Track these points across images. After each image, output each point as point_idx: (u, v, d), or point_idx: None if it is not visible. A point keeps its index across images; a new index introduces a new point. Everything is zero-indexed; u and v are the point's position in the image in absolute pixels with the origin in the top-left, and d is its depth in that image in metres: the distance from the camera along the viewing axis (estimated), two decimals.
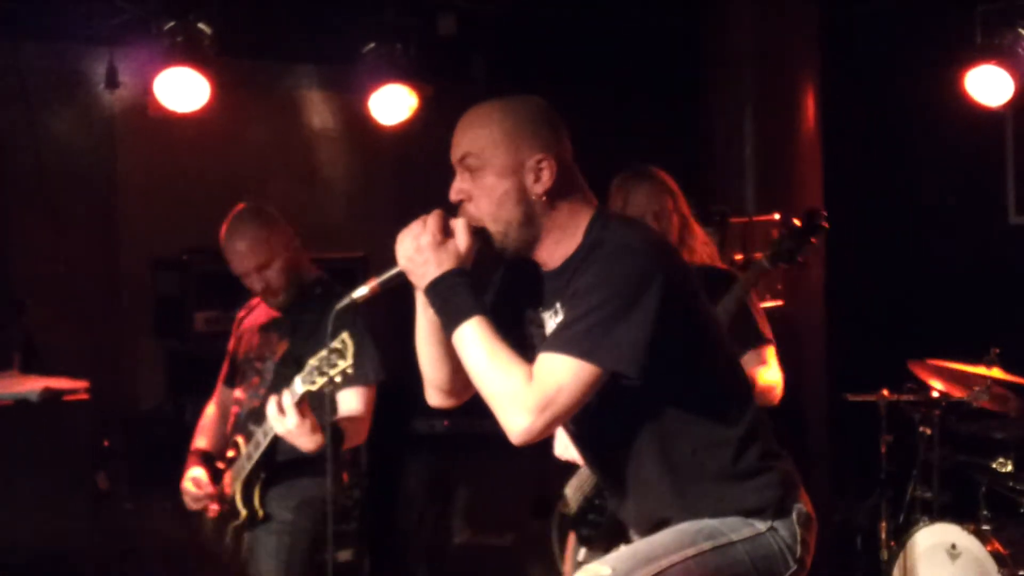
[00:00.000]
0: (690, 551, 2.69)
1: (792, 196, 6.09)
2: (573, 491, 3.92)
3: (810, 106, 6.33)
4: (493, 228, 2.71)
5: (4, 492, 4.43)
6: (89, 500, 4.77)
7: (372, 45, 5.75)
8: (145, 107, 5.51)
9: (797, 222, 3.90)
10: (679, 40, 6.55)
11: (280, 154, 6.54)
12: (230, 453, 4.13)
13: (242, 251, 4.07)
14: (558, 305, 2.72)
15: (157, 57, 5.25)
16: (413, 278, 2.71)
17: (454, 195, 2.74)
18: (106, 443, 5.08)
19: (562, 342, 2.58)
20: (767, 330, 4.08)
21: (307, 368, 3.55)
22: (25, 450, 4.53)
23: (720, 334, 2.88)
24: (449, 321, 2.67)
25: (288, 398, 3.64)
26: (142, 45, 5.34)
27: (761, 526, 2.74)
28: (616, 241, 2.65)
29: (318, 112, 6.78)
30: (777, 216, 5.55)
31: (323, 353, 3.49)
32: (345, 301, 2.81)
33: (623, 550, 2.80)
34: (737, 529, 2.73)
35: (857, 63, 6.58)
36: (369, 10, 5.80)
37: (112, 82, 5.73)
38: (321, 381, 3.49)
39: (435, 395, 2.94)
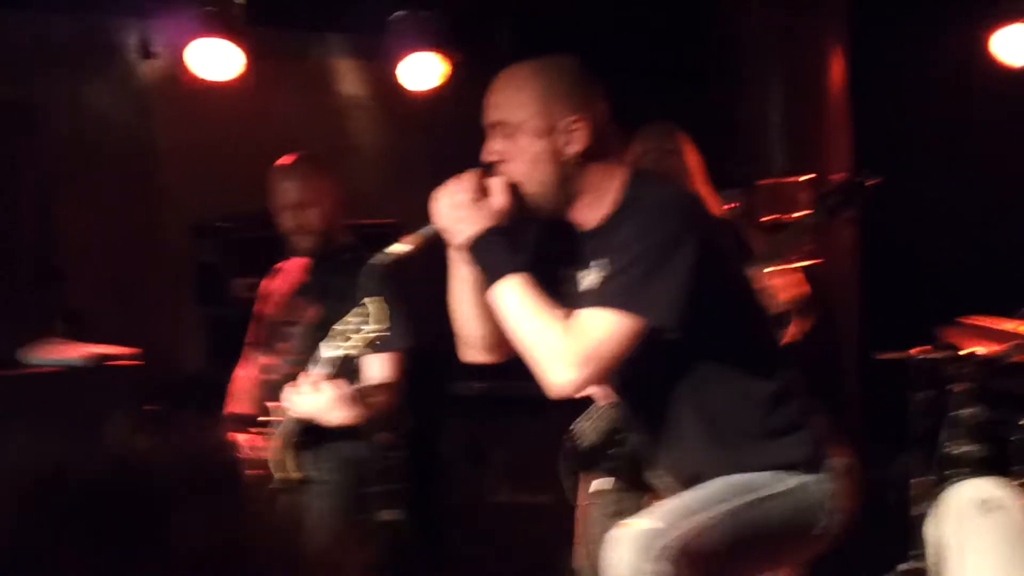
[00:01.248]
0: (724, 506, 2.75)
1: (821, 158, 6.09)
2: (588, 424, 3.94)
3: (838, 68, 6.31)
4: (528, 188, 2.75)
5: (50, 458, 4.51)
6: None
7: (401, 12, 5.79)
8: (179, 77, 5.57)
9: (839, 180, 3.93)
10: (708, 6, 6.53)
11: (312, 122, 6.57)
12: (264, 418, 4.16)
13: (287, 185, 4.16)
14: (594, 264, 2.76)
15: (189, 27, 5.31)
16: (450, 235, 2.75)
17: (488, 156, 2.78)
18: (151, 408, 5.14)
19: (602, 296, 2.63)
20: None
21: (333, 333, 3.59)
22: (72, 415, 4.61)
23: (753, 292, 2.92)
24: (487, 278, 2.71)
25: (312, 378, 3.67)
26: (175, 15, 5.39)
27: (794, 481, 2.79)
28: (652, 198, 2.70)
29: (349, 80, 6.81)
30: (804, 178, 5.56)
31: (349, 318, 3.54)
32: (379, 257, 2.85)
33: (666, 504, 2.84)
34: (771, 484, 2.78)
35: (884, 24, 6.54)
36: None
37: (146, 52, 5.78)
38: (346, 346, 3.55)
39: (471, 352, 2.99)
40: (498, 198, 2.71)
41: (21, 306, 5.12)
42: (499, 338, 2.86)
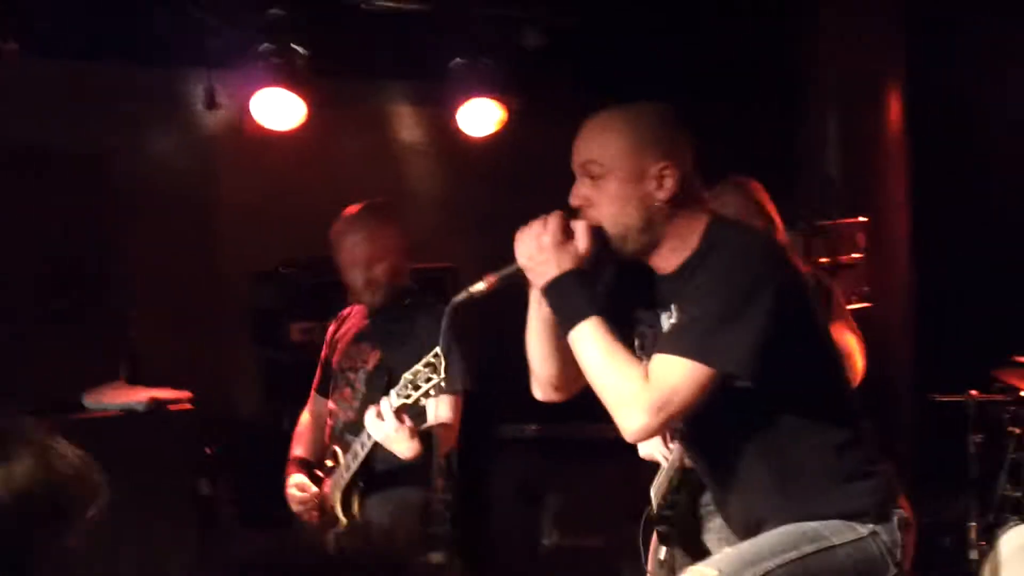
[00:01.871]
0: (793, 554, 2.72)
1: (878, 200, 6.09)
2: (655, 490, 3.97)
3: (895, 109, 6.31)
4: (612, 232, 2.75)
5: (112, 501, 4.58)
6: (193, 507, 4.90)
7: (459, 60, 5.88)
8: (242, 127, 5.67)
9: None
10: (766, 49, 6.56)
11: (371, 168, 6.65)
12: (328, 463, 4.20)
13: (355, 241, 4.13)
14: (673, 307, 2.76)
15: (254, 78, 5.41)
16: (532, 276, 2.76)
17: (575, 200, 2.78)
18: (208, 450, 5.21)
19: (677, 343, 2.63)
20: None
21: (402, 382, 3.64)
22: (132, 459, 4.69)
23: (829, 341, 2.91)
24: (566, 320, 2.72)
25: (387, 404, 3.73)
26: (239, 66, 5.50)
27: (863, 530, 2.76)
28: (732, 246, 2.70)
29: (407, 126, 6.89)
30: (863, 219, 5.57)
31: (418, 367, 3.59)
32: (462, 296, 2.83)
33: (728, 552, 2.84)
34: (839, 533, 2.75)
35: (943, 64, 6.54)
36: (456, 25, 5.90)
37: (211, 103, 5.88)
38: (416, 394, 3.60)
39: (543, 390, 2.98)
40: (581, 242, 2.71)
41: (87, 350, 5.22)
42: (571, 377, 2.87)
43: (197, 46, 5.59)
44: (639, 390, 2.61)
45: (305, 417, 4.48)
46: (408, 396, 3.64)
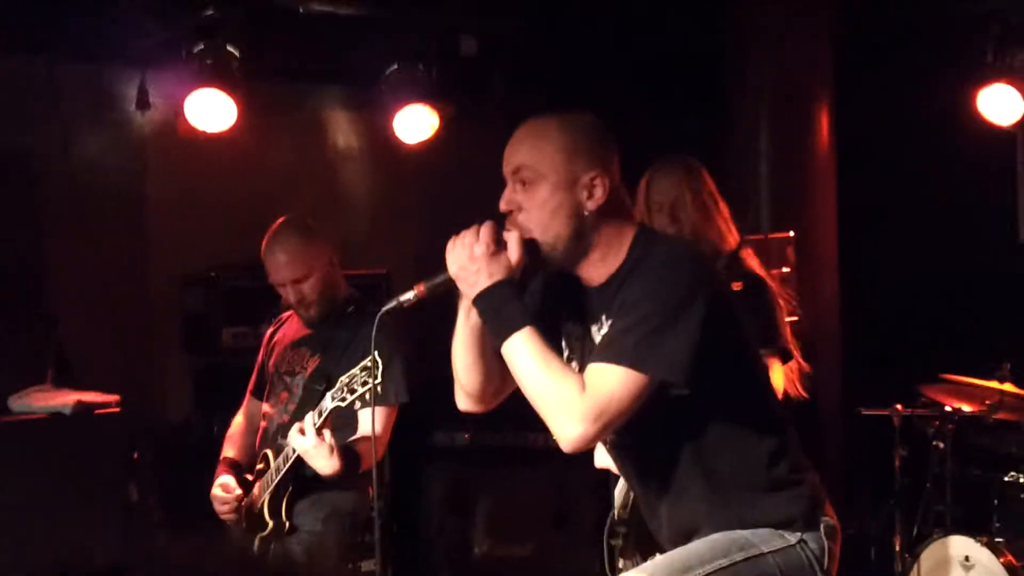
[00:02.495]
0: (722, 561, 2.73)
1: (806, 215, 6.15)
2: (616, 498, 3.97)
3: (824, 124, 6.39)
4: (543, 240, 2.75)
5: (38, 504, 4.52)
6: (120, 512, 4.85)
7: (395, 66, 5.87)
8: (175, 128, 5.62)
9: None
10: (697, 62, 6.61)
11: (305, 173, 6.63)
12: (259, 466, 4.18)
13: (282, 262, 4.12)
14: (603, 319, 2.77)
15: (187, 79, 5.36)
16: (463, 286, 2.75)
17: (505, 205, 2.79)
18: (136, 456, 5.16)
19: (613, 352, 2.64)
20: (784, 342, 4.13)
21: (338, 385, 3.65)
22: (58, 463, 4.63)
23: (755, 351, 2.94)
24: (499, 331, 2.72)
25: (310, 420, 3.74)
26: (172, 67, 5.44)
27: (791, 538, 2.79)
28: (661, 256, 2.72)
29: (343, 132, 6.88)
30: (791, 233, 5.62)
31: (355, 371, 3.60)
32: (391, 304, 2.84)
33: (658, 559, 2.85)
34: (768, 541, 2.77)
35: (870, 82, 6.64)
36: (391, 31, 5.90)
37: (143, 103, 5.83)
38: (351, 398, 3.61)
39: (466, 401, 2.98)
40: (513, 252, 2.72)
41: (12, 353, 5.14)
42: (494, 390, 2.90)
43: (130, 45, 5.54)
44: (575, 399, 2.62)
45: (238, 419, 4.46)
46: (343, 400, 3.65)
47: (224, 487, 4.20)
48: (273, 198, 6.21)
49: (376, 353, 3.41)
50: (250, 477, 4.23)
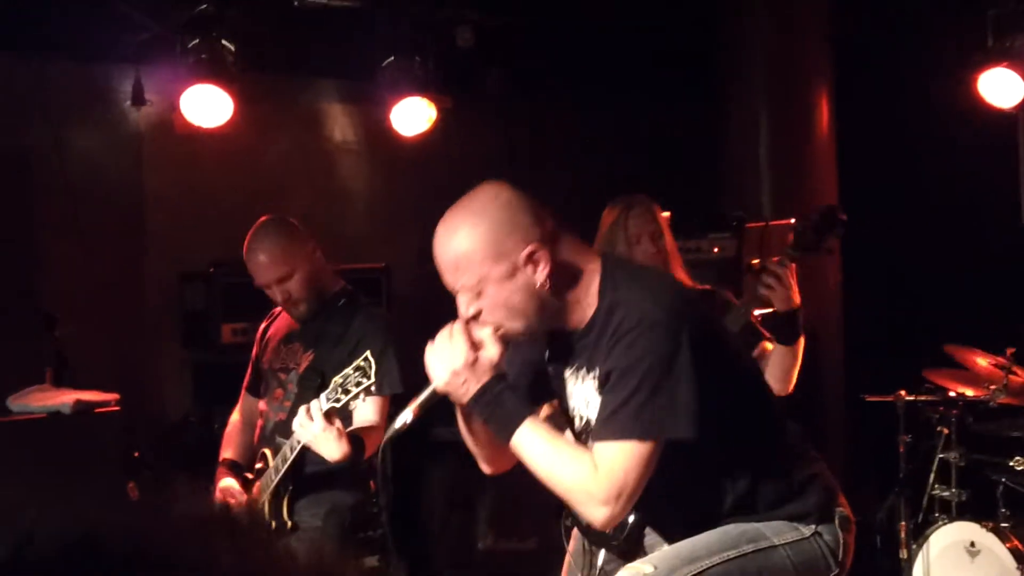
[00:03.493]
0: (732, 552, 2.73)
1: (807, 200, 6.14)
2: None
3: (824, 110, 6.37)
4: (514, 327, 2.72)
5: (37, 504, 4.51)
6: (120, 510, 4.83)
7: (391, 59, 5.85)
8: (171, 123, 5.60)
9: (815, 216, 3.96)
10: (695, 50, 6.60)
11: (302, 167, 6.63)
12: (258, 465, 4.16)
13: (263, 263, 4.10)
14: (587, 364, 2.75)
15: (182, 74, 5.35)
16: (454, 397, 2.74)
17: (465, 315, 2.73)
18: (136, 454, 5.15)
19: (617, 428, 2.61)
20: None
21: (332, 385, 3.63)
22: (58, 462, 4.61)
23: (748, 360, 2.92)
24: (503, 429, 2.71)
25: (316, 405, 3.71)
26: (167, 62, 5.43)
27: (806, 531, 2.78)
28: (632, 309, 2.64)
29: (339, 125, 6.87)
30: (793, 220, 5.61)
31: (348, 371, 3.57)
32: (390, 433, 2.88)
33: (667, 549, 2.84)
34: (781, 533, 2.77)
35: (870, 67, 6.62)
36: (388, 25, 5.89)
37: (139, 99, 5.81)
38: (345, 399, 3.58)
39: (487, 468, 3.04)
40: (490, 349, 2.69)
41: (11, 352, 5.12)
42: (511, 457, 2.86)
43: (123, 41, 5.53)
44: (591, 484, 2.61)
45: (235, 417, 4.45)
46: (338, 400, 3.62)
47: (227, 491, 4.17)
48: (271, 192, 6.20)
49: (371, 352, 3.44)
50: (250, 476, 4.21)
